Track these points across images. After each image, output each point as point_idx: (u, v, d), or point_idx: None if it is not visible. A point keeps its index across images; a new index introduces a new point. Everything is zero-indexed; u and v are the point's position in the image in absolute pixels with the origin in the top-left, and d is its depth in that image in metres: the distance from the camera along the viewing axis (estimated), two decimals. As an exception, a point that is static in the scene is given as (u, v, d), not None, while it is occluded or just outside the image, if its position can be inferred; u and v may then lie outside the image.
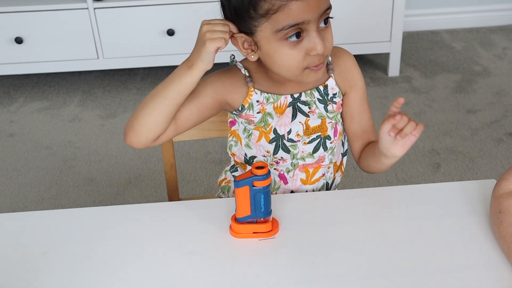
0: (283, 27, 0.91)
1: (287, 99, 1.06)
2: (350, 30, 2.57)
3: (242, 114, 1.06)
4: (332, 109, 1.08)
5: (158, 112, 0.97)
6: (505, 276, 0.81)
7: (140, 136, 0.98)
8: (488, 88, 2.60)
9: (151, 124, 0.97)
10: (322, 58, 0.96)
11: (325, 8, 0.93)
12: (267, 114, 1.06)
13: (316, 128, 1.08)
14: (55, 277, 0.84)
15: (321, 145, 1.09)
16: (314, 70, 0.97)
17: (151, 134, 0.98)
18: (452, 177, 2.02)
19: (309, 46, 0.93)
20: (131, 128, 0.98)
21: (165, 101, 0.96)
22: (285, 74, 0.98)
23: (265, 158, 1.09)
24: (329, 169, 1.13)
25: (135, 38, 2.53)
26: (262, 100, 1.05)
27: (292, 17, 0.90)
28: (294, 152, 1.08)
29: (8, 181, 2.10)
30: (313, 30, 0.92)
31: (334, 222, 0.94)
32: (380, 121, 2.53)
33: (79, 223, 0.96)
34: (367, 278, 0.82)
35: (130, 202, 1.96)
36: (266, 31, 0.93)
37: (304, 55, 0.94)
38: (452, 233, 0.90)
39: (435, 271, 0.83)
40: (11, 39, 2.50)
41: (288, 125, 1.06)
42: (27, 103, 2.63)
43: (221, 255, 0.87)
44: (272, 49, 0.94)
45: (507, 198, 0.85)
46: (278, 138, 1.07)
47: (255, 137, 1.08)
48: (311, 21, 0.91)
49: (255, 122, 1.07)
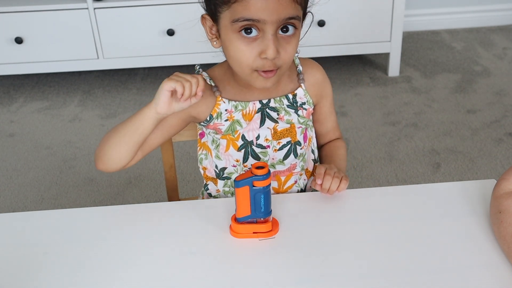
0: (238, 18, 0.91)
1: (256, 105, 1.05)
2: (350, 30, 2.57)
3: (210, 124, 1.06)
4: (303, 114, 1.09)
5: (122, 147, 1.01)
6: (505, 276, 0.81)
7: (109, 166, 1.03)
8: (488, 88, 2.60)
9: (116, 156, 1.02)
10: (273, 66, 0.95)
11: (287, 17, 0.92)
12: (236, 122, 1.06)
13: (284, 132, 1.07)
14: (55, 277, 0.84)
15: (292, 151, 1.09)
16: (263, 77, 0.96)
17: (118, 165, 1.03)
18: (452, 177, 2.02)
19: (261, 48, 0.93)
20: (100, 158, 1.03)
21: (125, 138, 1.00)
22: (237, 69, 0.99)
23: (235, 168, 1.09)
24: (301, 176, 1.13)
25: (135, 38, 2.53)
26: (231, 108, 1.05)
27: (248, 11, 0.90)
28: (264, 159, 1.08)
29: (8, 181, 2.10)
30: (269, 33, 0.92)
31: (334, 222, 0.94)
32: (380, 121, 2.54)
33: (79, 223, 0.96)
34: (367, 278, 0.82)
35: (130, 202, 1.96)
36: (226, 19, 0.94)
37: (255, 55, 0.94)
38: (452, 233, 0.90)
39: (435, 271, 0.83)
40: (11, 39, 2.50)
41: (256, 131, 1.06)
42: (27, 103, 2.63)
43: (221, 255, 0.87)
44: (228, 39, 0.95)
45: (507, 198, 0.85)
46: (247, 145, 1.07)
47: (223, 147, 1.07)
48: (267, 22, 0.91)
49: (223, 130, 1.06)
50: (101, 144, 1.03)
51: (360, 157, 2.15)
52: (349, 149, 2.20)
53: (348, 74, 2.77)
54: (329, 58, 2.88)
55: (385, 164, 2.10)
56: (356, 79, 2.72)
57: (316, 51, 2.61)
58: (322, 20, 2.53)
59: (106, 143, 1.02)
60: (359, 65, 2.85)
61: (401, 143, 2.22)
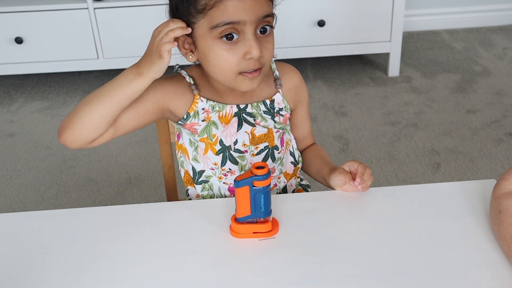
0: (217, 24, 0.91)
1: (233, 108, 1.05)
2: (350, 30, 2.57)
3: (187, 122, 1.05)
4: (279, 120, 1.09)
5: (101, 113, 0.94)
6: (505, 276, 0.81)
7: (78, 135, 0.95)
8: (488, 88, 2.60)
9: (92, 123, 0.94)
10: (258, 64, 0.95)
11: (264, 14, 0.93)
12: (212, 123, 1.05)
13: (262, 137, 1.07)
14: (55, 277, 0.84)
15: (270, 155, 1.09)
16: (249, 78, 0.96)
17: (90, 134, 0.95)
18: (452, 177, 2.02)
19: (244, 49, 0.93)
20: (69, 125, 0.95)
21: (111, 104, 0.94)
22: (219, 77, 0.98)
23: (213, 171, 1.08)
24: (280, 179, 1.13)
25: (135, 38, 2.53)
26: (208, 108, 1.04)
27: (227, 14, 0.90)
28: (242, 164, 1.07)
29: (8, 181, 2.10)
30: (249, 33, 0.92)
31: (334, 222, 0.94)
32: (380, 121, 2.53)
33: (79, 223, 0.96)
34: (367, 278, 0.82)
35: (130, 202, 1.96)
36: (203, 28, 0.93)
37: (238, 58, 0.93)
38: (452, 233, 0.90)
39: (435, 271, 0.83)
40: (11, 39, 2.50)
41: (234, 135, 1.06)
42: (27, 103, 2.63)
43: (221, 255, 0.87)
44: (207, 48, 0.94)
45: (507, 198, 0.85)
46: (225, 149, 1.06)
47: (201, 150, 1.07)
48: (246, 22, 0.91)
49: (199, 131, 1.05)
50: (75, 110, 0.95)
51: (360, 157, 2.15)
52: (349, 149, 2.20)
53: (348, 74, 2.77)
54: (329, 58, 2.88)
55: (385, 164, 2.10)
56: (356, 79, 2.72)
57: (316, 51, 2.61)
58: (322, 20, 2.53)
59: (85, 107, 0.94)
60: (359, 65, 2.85)
61: (401, 143, 2.22)
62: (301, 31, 2.54)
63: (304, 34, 2.55)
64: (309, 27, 2.55)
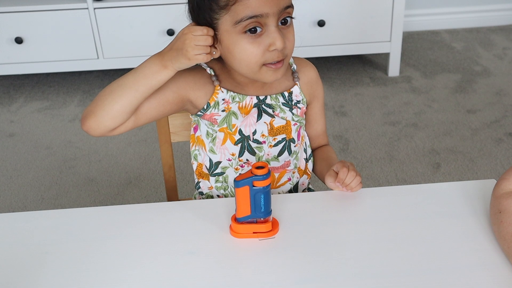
0: (241, 19, 0.93)
1: (253, 99, 1.07)
2: (350, 30, 2.57)
3: (206, 113, 1.06)
4: (297, 113, 1.10)
5: (124, 102, 0.95)
6: (505, 276, 0.81)
7: (101, 123, 0.97)
8: (488, 88, 2.60)
9: (115, 112, 0.96)
10: (282, 55, 0.97)
11: (285, 6, 0.95)
12: (232, 113, 1.06)
13: (281, 128, 1.08)
14: (55, 277, 0.84)
15: (286, 148, 1.10)
16: (273, 69, 0.98)
17: (112, 122, 0.97)
18: (452, 177, 2.02)
19: (268, 41, 0.95)
20: (92, 113, 0.96)
21: (135, 93, 0.95)
22: (244, 70, 0.99)
23: (230, 162, 1.09)
24: (294, 174, 1.14)
25: (135, 38, 2.53)
26: (228, 98, 1.06)
27: (250, 8, 0.92)
28: (259, 155, 1.08)
29: (8, 181, 2.10)
30: (272, 25, 0.94)
31: (334, 222, 0.94)
32: (380, 121, 2.53)
33: (79, 223, 0.96)
34: (367, 278, 0.82)
35: (130, 202, 1.96)
36: (226, 24, 0.95)
37: (263, 50, 0.95)
38: (452, 233, 0.90)
39: (435, 271, 0.83)
40: (11, 39, 2.50)
41: (253, 126, 1.07)
42: (27, 103, 2.63)
43: (221, 255, 0.87)
44: (232, 43, 0.96)
45: (507, 198, 0.85)
46: (244, 139, 1.07)
47: (219, 140, 1.08)
48: (269, 15, 0.93)
49: (218, 121, 1.06)
50: (99, 98, 0.97)
51: (360, 157, 2.15)
52: (349, 149, 2.20)
53: (348, 74, 2.77)
54: (329, 58, 2.88)
55: (385, 164, 2.10)
56: (356, 79, 2.72)
57: (316, 51, 2.61)
58: (322, 20, 2.53)
59: (109, 96, 0.96)
60: (359, 65, 2.85)
61: (401, 143, 2.22)
62: (301, 31, 2.54)
63: (304, 34, 2.55)
64: (309, 27, 2.55)
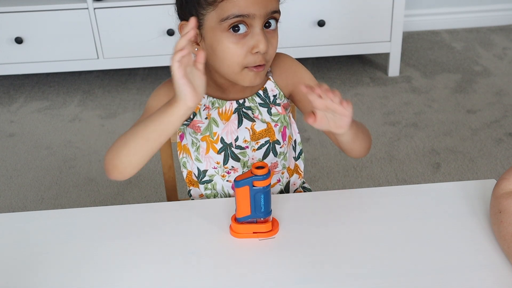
0: (228, 16, 0.92)
1: (233, 105, 1.05)
2: (350, 30, 2.57)
3: (193, 120, 1.05)
4: (277, 111, 1.08)
5: (141, 153, 0.93)
6: (505, 276, 0.81)
7: (125, 174, 0.95)
8: (488, 88, 2.60)
9: (134, 163, 0.94)
10: (263, 60, 0.96)
11: (272, 10, 0.95)
12: (212, 121, 1.05)
13: (263, 132, 1.07)
14: (55, 277, 0.84)
15: (271, 150, 1.09)
16: (254, 71, 0.97)
17: (135, 170, 0.95)
18: (452, 177, 2.02)
19: (252, 43, 0.94)
20: (115, 167, 0.95)
21: (147, 142, 0.92)
22: (225, 71, 0.98)
23: (216, 170, 1.08)
24: (283, 175, 1.13)
25: (135, 38, 2.53)
26: (208, 104, 1.05)
27: (237, 7, 0.92)
28: (244, 160, 1.08)
29: (8, 181, 2.10)
30: (257, 27, 0.94)
31: (334, 222, 0.94)
32: (380, 121, 2.53)
33: (79, 223, 0.96)
34: (367, 278, 0.82)
35: (130, 202, 1.96)
36: (212, 20, 0.94)
37: (246, 51, 0.95)
38: (452, 233, 0.90)
39: (435, 271, 0.83)
40: (11, 39, 2.50)
41: (234, 132, 1.06)
42: (27, 103, 2.63)
43: (221, 255, 0.87)
44: (215, 40, 0.95)
45: (507, 198, 0.85)
46: (226, 147, 1.06)
47: (203, 149, 1.07)
48: (256, 16, 0.92)
49: (202, 129, 1.05)
50: (116, 151, 0.94)
51: (360, 157, 2.14)
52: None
53: (348, 74, 2.77)
54: (329, 58, 2.88)
55: (385, 164, 2.10)
56: (356, 79, 2.72)
57: (316, 51, 2.61)
58: (322, 20, 2.53)
59: (124, 149, 0.93)
60: (359, 65, 2.85)
61: (401, 143, 2.22)
62: (301, 31, 2.54)
63: (304, 34, 2.55)
64: (309, 27, 2.55)
